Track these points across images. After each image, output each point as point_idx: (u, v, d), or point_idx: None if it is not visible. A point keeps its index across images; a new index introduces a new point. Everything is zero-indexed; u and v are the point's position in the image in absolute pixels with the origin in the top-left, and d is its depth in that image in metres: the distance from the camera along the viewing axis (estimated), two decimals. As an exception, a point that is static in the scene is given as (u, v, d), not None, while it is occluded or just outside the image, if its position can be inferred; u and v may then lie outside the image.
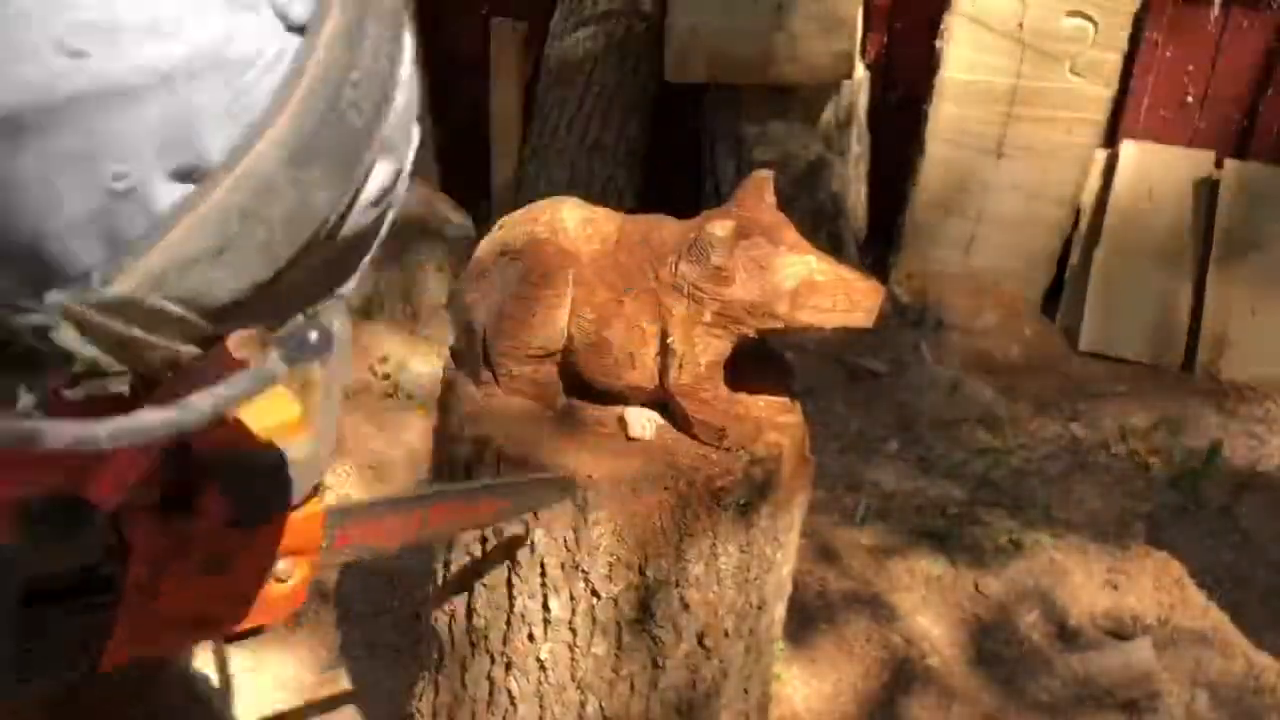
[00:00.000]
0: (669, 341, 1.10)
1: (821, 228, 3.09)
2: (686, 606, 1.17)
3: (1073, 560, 2.24)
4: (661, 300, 1.10)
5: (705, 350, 1.11)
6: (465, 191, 3.30)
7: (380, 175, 0.42)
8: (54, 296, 0.36)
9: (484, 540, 1.19)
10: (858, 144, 3.17)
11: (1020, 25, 2.97)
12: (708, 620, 1.19)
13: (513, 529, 1.13)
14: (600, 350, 1.13)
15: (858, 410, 2.76)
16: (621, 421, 1.17)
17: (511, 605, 1.19)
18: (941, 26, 3.03)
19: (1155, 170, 3.08)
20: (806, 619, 2.07)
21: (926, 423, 2.70)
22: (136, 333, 0.37)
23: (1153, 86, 3.11)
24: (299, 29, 0.37)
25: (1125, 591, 2.18)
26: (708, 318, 1.09)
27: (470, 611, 1.24)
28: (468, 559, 1.22)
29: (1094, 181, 3.14)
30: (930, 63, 3.09)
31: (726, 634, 1.22)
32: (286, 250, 0.39)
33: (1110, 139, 3.14)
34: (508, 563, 1.18)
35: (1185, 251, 3.03)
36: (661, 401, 1.18)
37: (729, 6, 2.81)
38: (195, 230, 0.36)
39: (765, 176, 1.15)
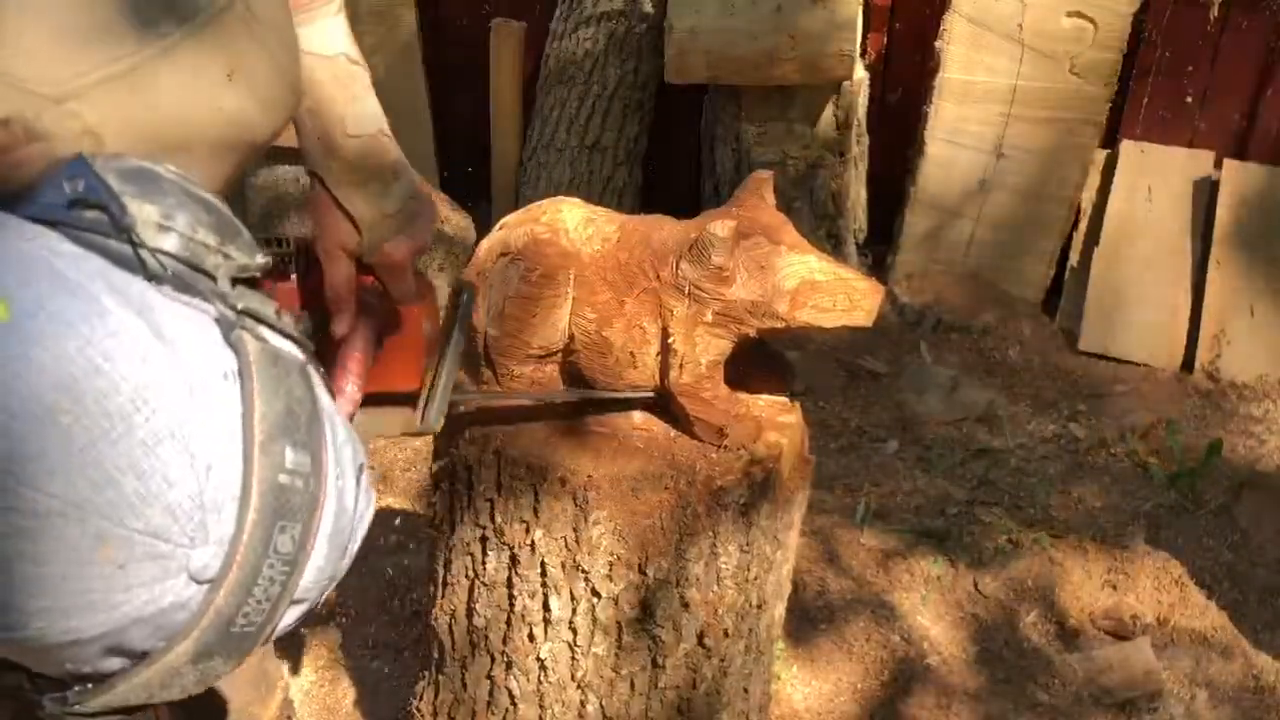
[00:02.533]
0: (670, 341, 1.11)
1: (821, 228, 3.09)
2: (686, 606, 1.17)
3: (1072, 560, 2.25)
4: (662, 300, 1.10)
5: (706, 350, 1.11)
6: (465, 192, 3.30)
7: (292, 615, 0.60)
8: (47, 700, 0.57)
9: (484, 540, 1.19)
10: (857, 144, 3.17)
11: (1020, 26, 2.97)
12: (708, 620, 1.19)
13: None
14: (601, 350, 1.13)
15: (857, 410, 2.76)
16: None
17: (511, 605, 1.20)
18: (941, 27, 3.04)
19: (1154, 170, 3.08)
20: (806, 619, 2.07)
21: (925, 422, 2.71)
22: None
23: (1152, 87, 3.11)
24: (206, 581, 0.53)
25: (1125, 591, 2.18)
26: (709, 317, 1.09)
27: (470, 611, 1.24)
28: (468, 559, 1.22)
29: (1093, 182, 3.15)
30: (930, 63, 3.10)
31: (726, 633, 1.22)
32: (197, 689, 0.58)
33: (1110, 139, 3.14)
34: (508, 562, 1.18)
35: (1184, 252, 3.04)
36: (662, 401, 1.18)
37: (729, 7, 2.81)
38: (129, 688, 0.56)
39: (765, 176, 1.15)
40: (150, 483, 0.50)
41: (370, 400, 0.95)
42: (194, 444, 0.51)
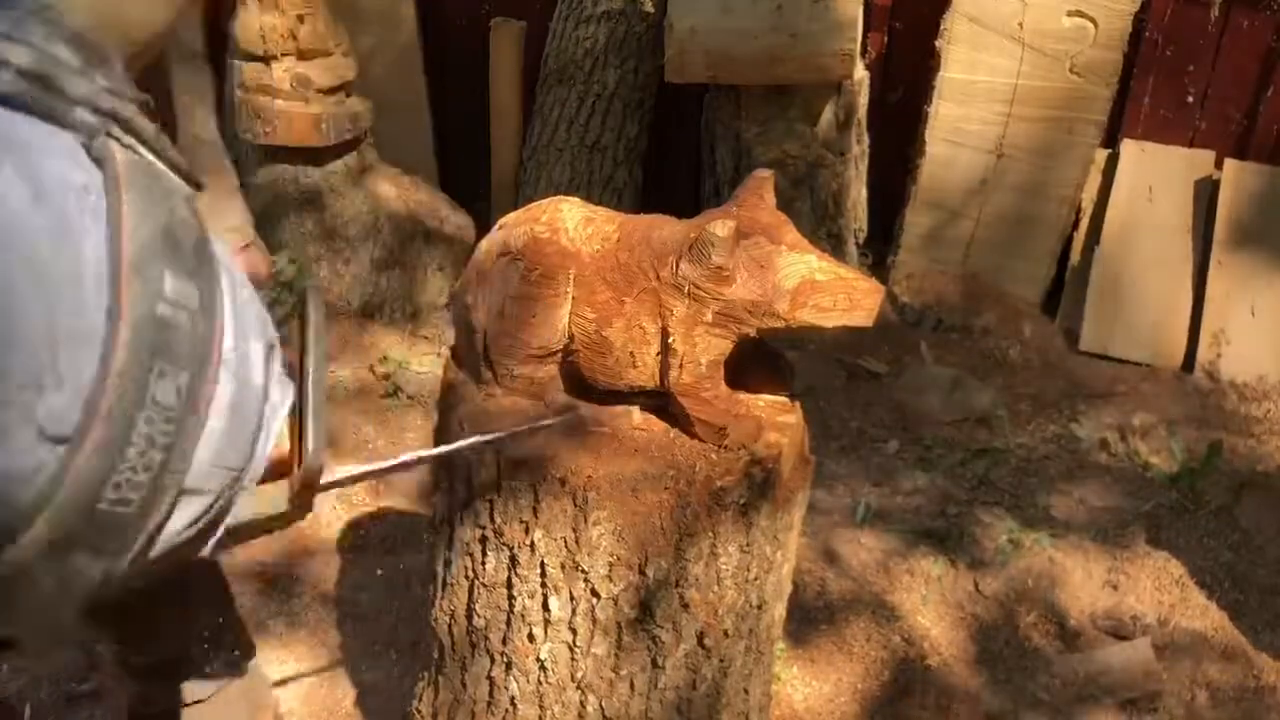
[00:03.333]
0: (670, 341, 1.10)
1: (821, 227, 3.09)
2: (686, 606, 1.17)
3: (1072, 560, 2.24)
4: (662, 300, 1.10)
5: (706, 350, 1.11)
6: (465, 191, 3.30)
7: (185, 515, 0.47)
8: None
9: (484, 540, 1.19)
10: (858, 144, 3.17)
11: (1020, 25, 2.97)
12: (707, 620, 1.19)
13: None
14: (601, 350, 1.13)
15: (857, 410, 2.76)
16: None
17: (511, 605, 1.19)
18: (942, 26, 3.03)
19: (1155, 170, 3.08)
20: (806, 619, 2.07)
21: (926, 422, 2.70)
22: None
23: (1153, 86, 3.11)
24: (62, 440, 0.41)
25: (1125, 591, 2.18)
26: (709, 317, 1.09)
27: (470, 611, 1.24)
28: (467, 559, 1.22)
29: (1094, 181, 3.14)
30: (930, 62, 3.10)
31: (726, 634, 1.22)
32: (69, 607, 0.45)
33: (1110, 139, 3.14)
34: (508, 562, 1.18)
35: (1185, 251, 3.03)
36: (663, 401, 1.18)
37: (729, 6, 2.81)
38: None
39: (765, 176, 1.15)
40: None
41: None
42: (40, 264, 0.40)
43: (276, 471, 0.69)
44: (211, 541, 0.56)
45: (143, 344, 0.43)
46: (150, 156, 0.50)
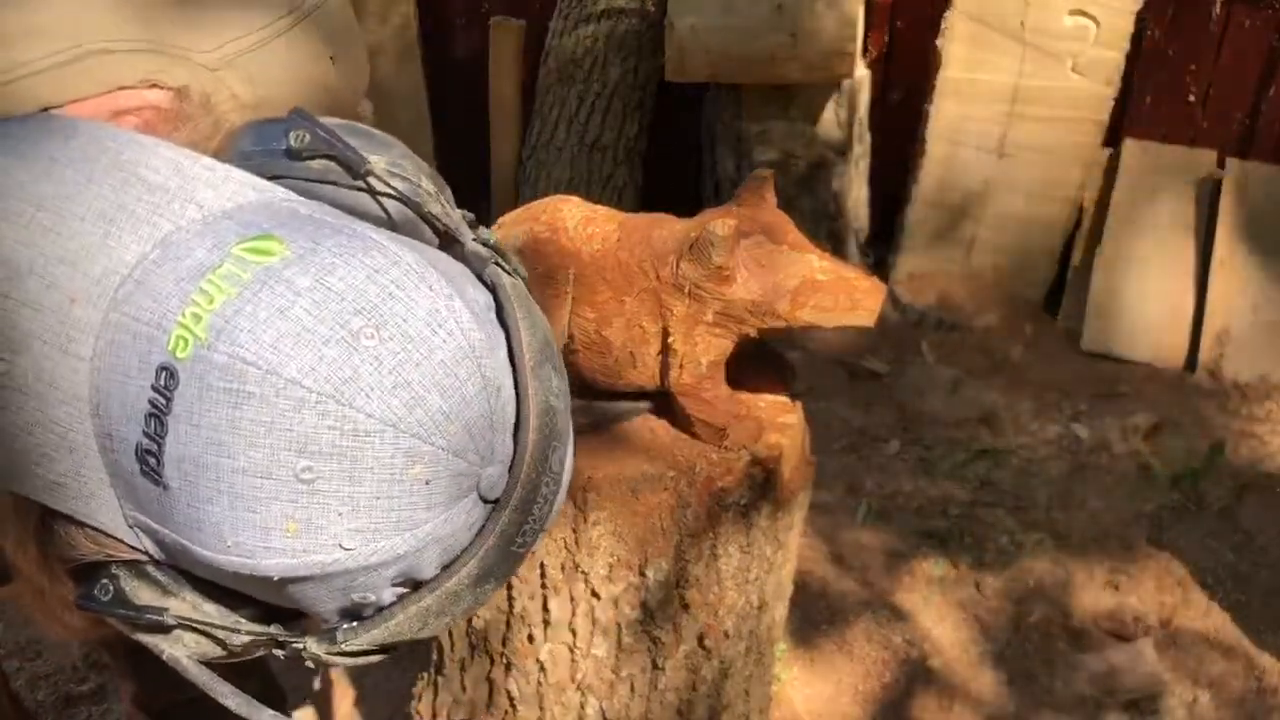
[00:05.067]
0: (670, 341, 1.10)
1: (822, 227, 3.08)
2: (686, 607, 1.16)
3: (1074, 561, 2.24)
4: (662, 299, 1.09)
5: (706, 350, 1.10)
6: (465, 191, 3.29)
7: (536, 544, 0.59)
8: (311, 641, 0.55)
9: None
10: (859, 143, 3.16)
11: (1022, 24, 2.96)
12: (708, 621, 1.19)
13: None
14: (601, 349, 1.12)
15: (858, 410, 2.75)
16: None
17: (511, 606, 1.19)
18: (943, 25, 3.03)
19: (1157, 169, 3.07)
20: (807, 620, 2.06)
21: (927, 423, 2.70)
22: (345, 662, 0.57)
23: (1154, 85, 3.10)
24: (493, 502, 0.54)
25: (1127, 592, 2.18)
26: (709, 317, 1.08)
27: (469, 612, 1.24)
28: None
29: (1096, 181, 3.14)
30: (931, 61, 3.09)
31: (727, 635, 1.22)
32: (464, 618, 0.59)
33: (1112, 138, 3.13)
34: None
35: (1187, 251, 3.03)
36: (663, 401, 1.17)
37: (729, 5, 2.80)
38: (406, 618, 0.55)
39: (766, 176, 1.14)
40: (451, 401, 0.50)
41: None
42: (484, 365, 0.52)
43: None
44: None
45: (543, 429, 0.55)
46: (517, 278, 0.59)
